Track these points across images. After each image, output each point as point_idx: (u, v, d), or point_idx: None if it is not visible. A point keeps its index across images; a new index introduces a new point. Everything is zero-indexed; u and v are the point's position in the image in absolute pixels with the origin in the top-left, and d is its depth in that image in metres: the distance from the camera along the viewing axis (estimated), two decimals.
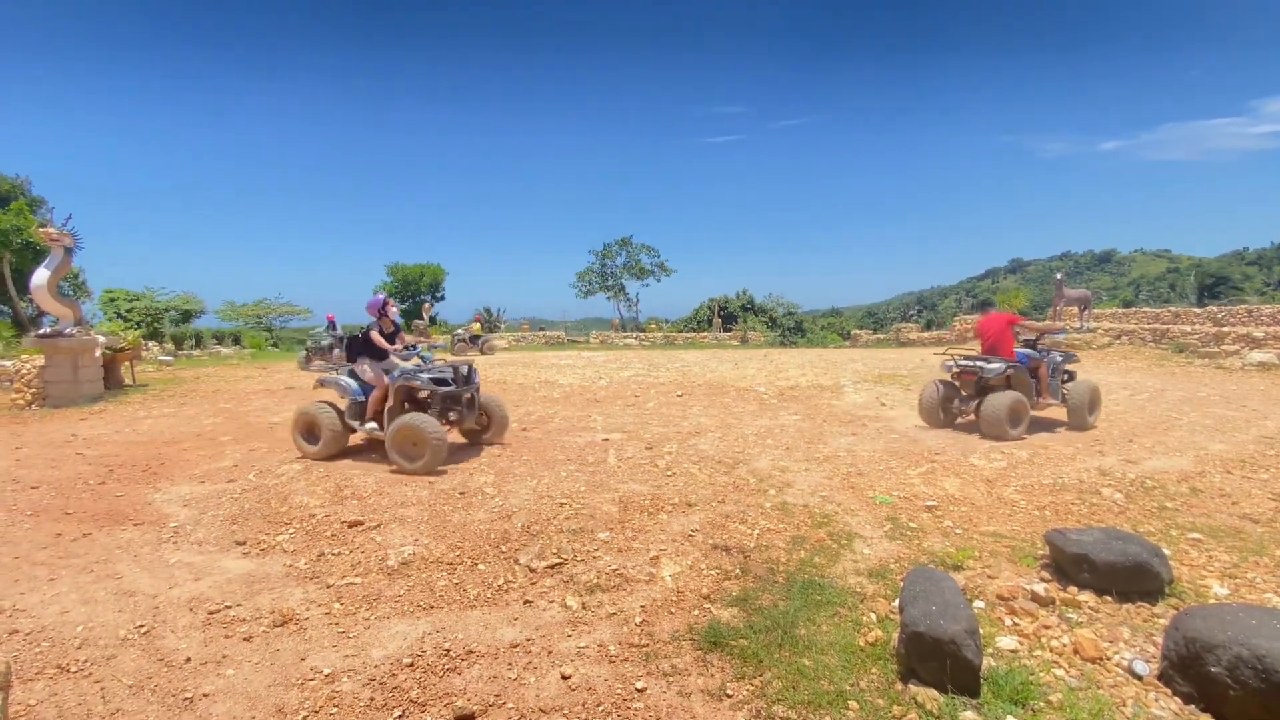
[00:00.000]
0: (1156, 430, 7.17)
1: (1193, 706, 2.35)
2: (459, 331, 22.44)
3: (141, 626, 3.03)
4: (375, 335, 6.28)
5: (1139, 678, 2.56)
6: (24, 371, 10.23)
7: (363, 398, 6.23)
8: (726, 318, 29.75)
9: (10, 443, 7.07)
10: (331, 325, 17.25)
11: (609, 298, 34.85)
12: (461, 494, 4.97)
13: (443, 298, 33.99)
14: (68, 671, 2.66)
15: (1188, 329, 16.06)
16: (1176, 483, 5.21)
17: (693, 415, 8.45)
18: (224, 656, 2.79)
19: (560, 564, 3.71)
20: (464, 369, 6.41)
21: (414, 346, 6.51)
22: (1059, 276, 19.86)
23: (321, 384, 6.67)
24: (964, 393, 7.48)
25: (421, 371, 6.09)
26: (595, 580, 3.52)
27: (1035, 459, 5.98)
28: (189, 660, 2.76)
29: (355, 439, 6.55)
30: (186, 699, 2.50)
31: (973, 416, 7.34)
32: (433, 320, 28.68)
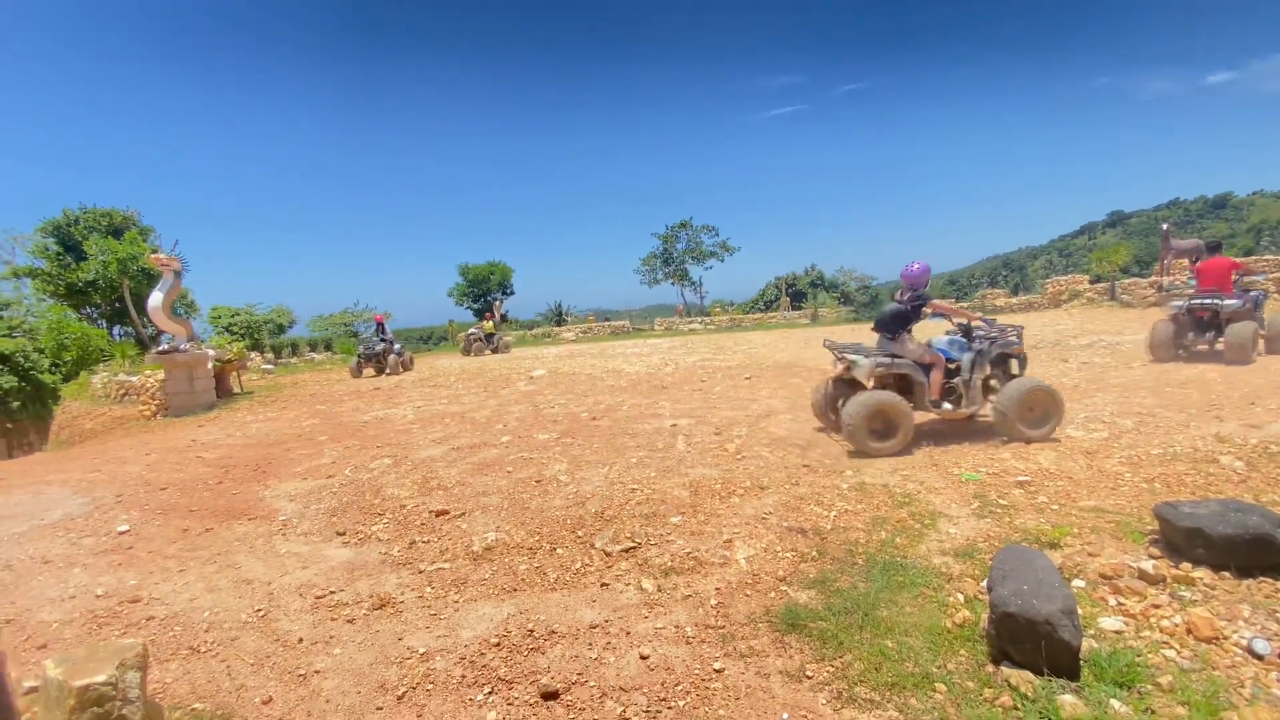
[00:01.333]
0: None
1: None
2: (472, 331, 21.32)
3: (259, 611, 3.34)
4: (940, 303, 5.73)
5: (1260, 657, 2.34)
6: (148, 385, 11.38)
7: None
8: (795, 296, 29.04)
9: (141, 450, 7.90)
10: (380, 329, 16.60)
11: (673, 283, 34.75)
12: (537, 482, 5.14)
13: (512, 293, 34.98)
14: (198, 652, 2.97)
15: None
16: None
17: (762, 398, 8.34)
18: (331, 637, 3.03)
19: (634, 548, 3.78)
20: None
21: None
22: (1165, 227, 18.06)
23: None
24: (1193, 331, 8.90)
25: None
26: (669, 563, 3.56)
27: (1141, 427, 5.53)
28: (301, 641, 3.01)
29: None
30: (301, 675, 2.74)
31: (1206, 347, 8.90)
32: (504, 317, 29.59)
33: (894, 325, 5.76)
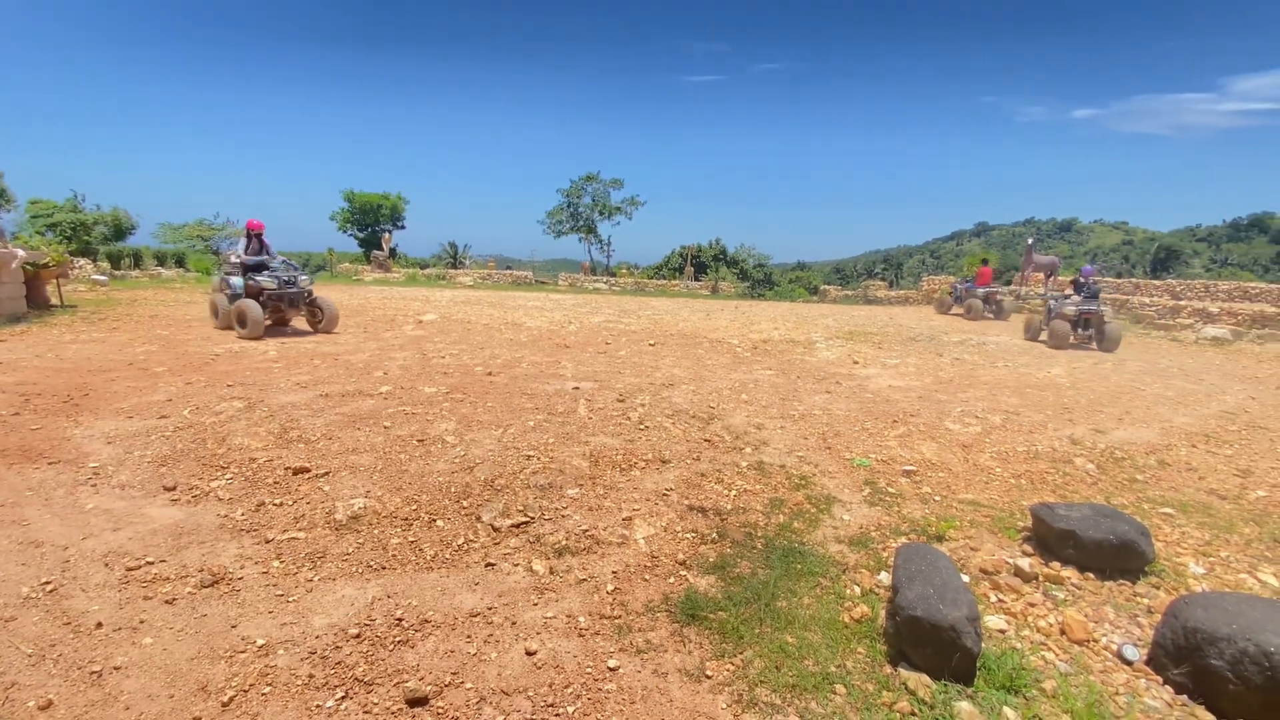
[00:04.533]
0: (1121, 399, 7.25)
1: (1184, 697, 2.28)
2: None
3: (47, 584, 2.67)
4: None
5: (1129, 663, 2.47)
6: None
7: None
8: (698, 266, 29.30)
9: None
10: (257, 242, 9.96)
11: (580, 239, 33.83)
12: (420, 441, 4.63)
13: (403, 228, 32.45)
14: None
15: (1146, 300, 16.43)
16: (1145, 455, 5.23)
17: (665, 366, 8.20)
18: (141, 622, 2.47)
19: (526, 523, 3.46)
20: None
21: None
22: (1030, 241, 19.98)
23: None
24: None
25: None
26: (564, 542, 3.28)
27: (1008, 425, 5.95)
28: (100, 626, 2.43)
29: None
30: (94, 672, 2.18)
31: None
32: (392, 252, 27.42)
33: None
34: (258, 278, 9.46)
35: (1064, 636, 2.63)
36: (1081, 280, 12.50)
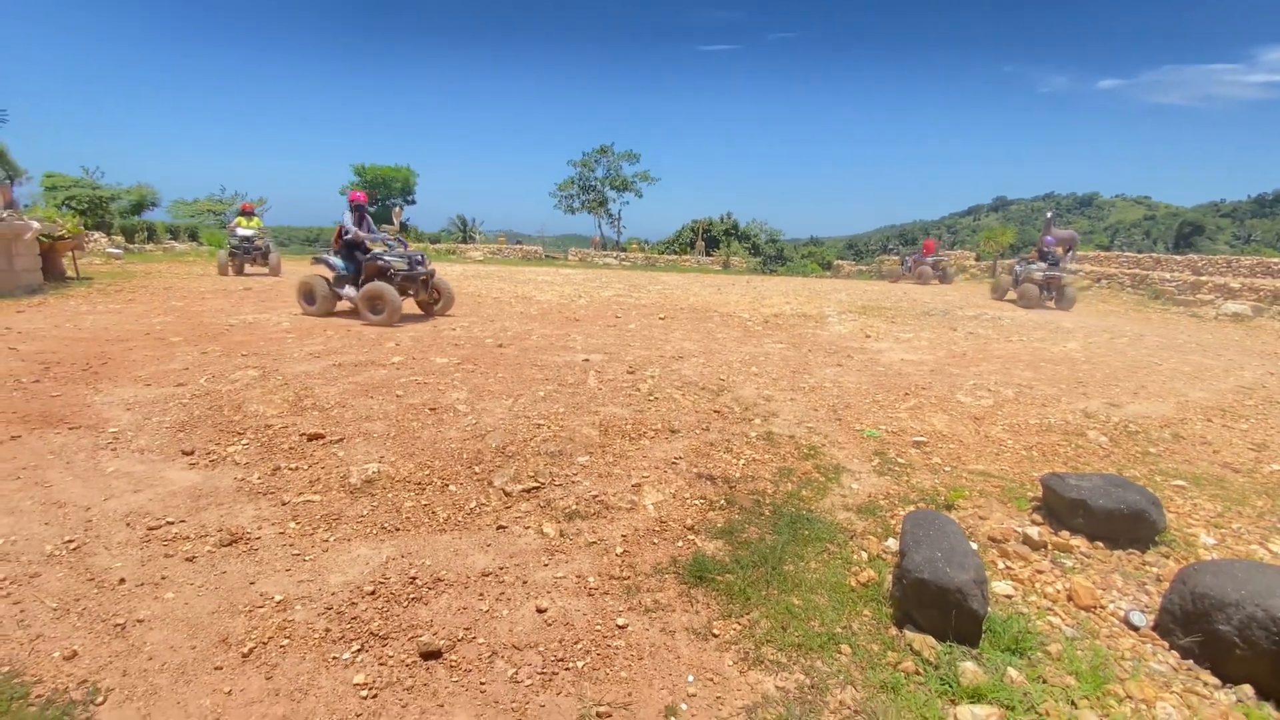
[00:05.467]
0: (1137, 374, 7.16)
1: (1190, 661, 2.28)
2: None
3: (71, 542, 2.75)
4: None
5: (1135, 629, 2.48)
6: None
7: None
8: (709, 241, 29.05)
9: None
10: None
11: (591, 212, 33.59)
12: (432, 410, 4.68)
13: (414, 202, 32.38)
14: None
15: (1167, 276, 16.12)
16: (1159, 428, 5.18)
17: (675, 339, 8.18)
18: (163, 578, 2.54)
19: (537, 488, 3.50)
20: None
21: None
22: (1049, 215, 19.56)
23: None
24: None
25: None
26: (574, 506, 3.32)
27: (1020, 398, 5.91)
28: (123, 581, 2.50)
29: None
30: (118, 624, 2.25)
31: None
32: (403, 226, 27.40)
33: None
34: (388, 257, 8.36)
35: (1071, 603, 2.63)
36: (1045, 250, 15.00)
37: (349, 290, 8.47)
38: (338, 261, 8.62)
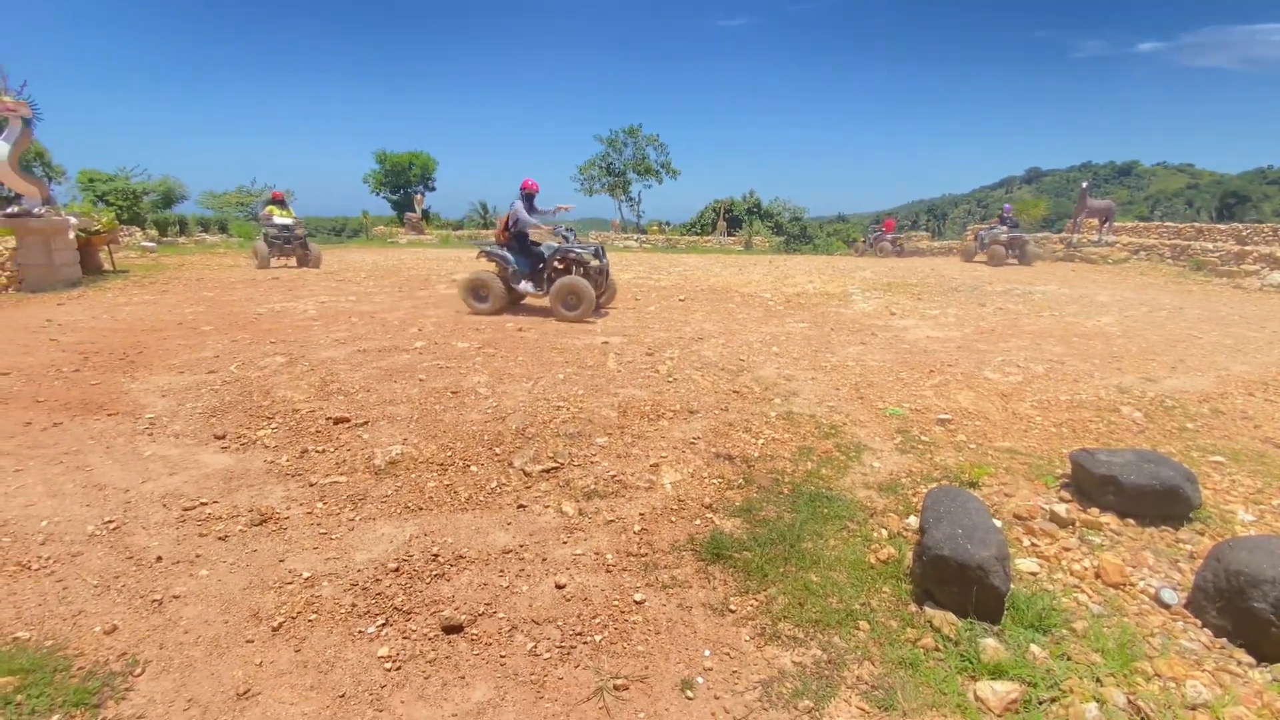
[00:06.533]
0: (1176, 348, 6.92)
1: (1224, 640, 2.22)
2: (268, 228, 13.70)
3: (111, 522, 2.86)
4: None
5: (1167, 607, 2.42)
6: None
7: None
8: (731, 221, 28.67)
9: None
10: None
11: (611, 195, 33.38)
12: (454, 393, 4.74)
13: (434, 189, 32.53)
14: (28, 569, 2.50)
15: (1209, 246, 15.46)
16: (1198, 403, 5.00)
17: (695, 320, 8.14)
18: (197, 556, 2.63)
19: (556, 468, 3.53)
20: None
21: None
22: (1084, 185, 18.89)
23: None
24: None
25: None
26: (593, 486, 3.35)
27: (1051, 374, 5.75)
28: (160, 559, 2.60)
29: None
30: (155, 600, 2.35)
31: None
32: (425, 214, 27.62)
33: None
34: (578, 250, 7.92)
35: (1099, 580, 2.58)
36: (1005, 216, 17.73)
37: (526, 285, 8.00)
38: (507, 255, 8.00)
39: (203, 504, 3.05)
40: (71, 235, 10.13)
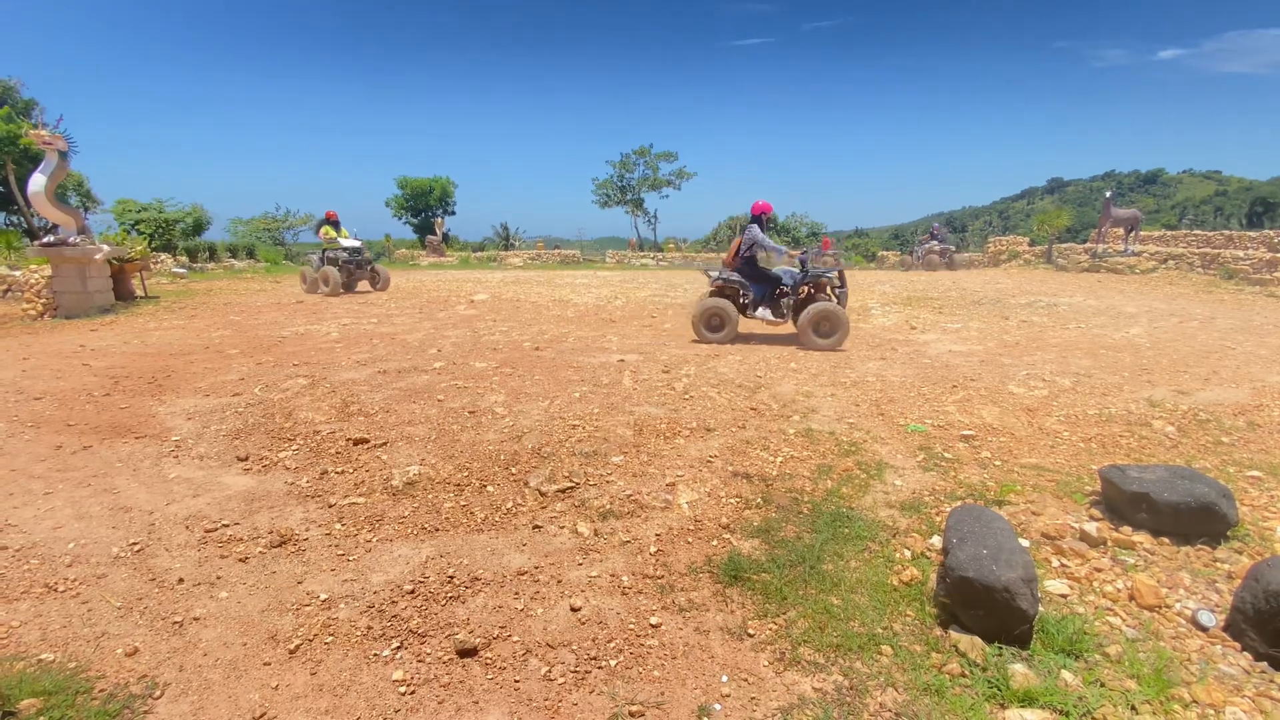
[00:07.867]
0: (1208, 359, 6.72)
1: (1264, 663, 2.12)
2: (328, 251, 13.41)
3: (135, 544, 2.91)
4: None
5: (1204, 629, 2.32)
6: (33, 282, 10.10)
7: None
8: None
9: (18, 353, 6.98)
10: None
11: (627, 211, 33.69)
12: (471, 413, 4.77)
13: (454, 212, 33.10)
14: (55, 591, 2.54)
15: (1240, 254, 15.08)
16: (1233, 416, 4.84)
17: None
18: (218, 578, 2.66)
19: (572, 488, 3.52)
20: None
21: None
22: (1108, 195, 18.63)
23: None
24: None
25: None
26: (608, 506, 3.33)
27: (1078, 388, 5.62)
28: (181, 581, 2.63)
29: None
30: (176, 622, 2.37)
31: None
32: (445, 237, 28.08)
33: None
34: (827, 274, 7.63)
35: (1133, 602, 2.48)
36: (935, 232, 22.34)
37: (764, 313, 7.66)
38: (745, 281, 7.69)
39: (224, 526, 3.09)
40: (102, 260, 10.46)
